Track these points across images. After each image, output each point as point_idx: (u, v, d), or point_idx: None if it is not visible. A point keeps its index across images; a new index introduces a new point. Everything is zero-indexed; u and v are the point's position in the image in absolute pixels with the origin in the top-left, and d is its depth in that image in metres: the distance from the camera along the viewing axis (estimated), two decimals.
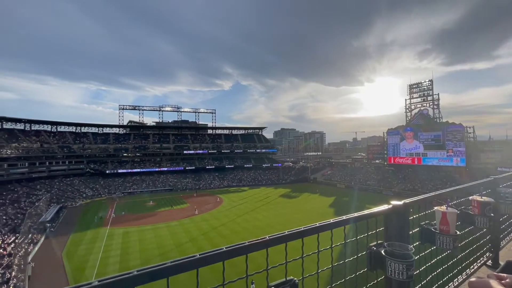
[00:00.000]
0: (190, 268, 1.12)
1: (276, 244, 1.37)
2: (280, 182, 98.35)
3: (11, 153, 66.03)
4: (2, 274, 25.54)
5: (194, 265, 1.12)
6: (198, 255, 1.13)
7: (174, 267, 1.06)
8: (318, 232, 1.54)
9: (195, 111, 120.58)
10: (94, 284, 0.94)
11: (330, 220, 1.62)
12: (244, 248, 1.30)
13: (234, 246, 1.27)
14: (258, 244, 1.32)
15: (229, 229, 41.41)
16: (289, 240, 1.42)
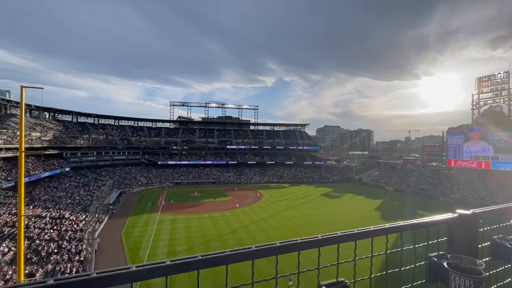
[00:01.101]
0: (246, 258, 1.18)
1: (328, 244, 1.35)
2: (321, 181, 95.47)
3: (83, 143, 76.62)
4: (76, 245, 30.03)
5: (250, 256, 1.17)
6: (254, 247, 1.18)
7: (233, 255, 1.13)
8: (372, 236, 1.47)
9: (238, 107, 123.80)
10: (167, 264, 1.04)
11: (385, 225, 1.53)
12: (297, 245, 1.31)
13: (287, 242, 1.29)
14: (310, 243, 1.32)
15: (268, 224, 41.85)
16: (341, 242, 1.39)
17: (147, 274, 1.01)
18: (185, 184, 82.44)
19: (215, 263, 1.13)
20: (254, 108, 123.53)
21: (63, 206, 43.73)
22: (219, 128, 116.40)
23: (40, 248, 27.47)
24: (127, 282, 1.00)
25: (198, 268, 1.11)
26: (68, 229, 33.88)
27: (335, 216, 46.81)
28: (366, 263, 1.71)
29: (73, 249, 28.96)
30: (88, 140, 79.21)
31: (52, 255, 26.81)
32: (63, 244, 29.66)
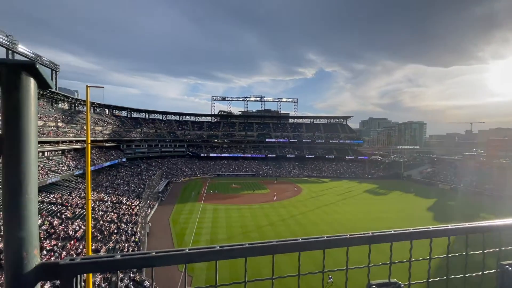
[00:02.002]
0: (293, 250, 1.18)
1: (380, 242, 1.26)
2: (365, 176, 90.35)
3: (136, 136, 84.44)
4: (131, 228, 33.61)
5: (297, 247, 1.18)
6: (301, 239, 1.18)
7: (280, 246, 1.15)
8: (431, 237, 1.33)
9: (277, 101, 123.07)
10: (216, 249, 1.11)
11: (447, 226, 1.36)
12: (346, 240, 1.25)
13: (335, 237, 1.24)
14: (360, 239, 1.26)
15: (307, 219, 41.32)
16: (395, 240, 1.28)
17: (200, 257, 1.08)
18: (226, 176, 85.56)
19: (262, 252, 1.15)
20: (293, 101, 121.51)
21: (121, 192, 49.10)
22: (258, 121, 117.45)
23: (103, 228, 31.39)
24: (181, 263, 1.08)
25: (245, 256, 1.15)
26: (125, 213, 38.03)
27: (380, 214, 44.07)
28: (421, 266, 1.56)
29: (129, 231, 32.48)
30: (140, 133, 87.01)
31: (112, 235, 30.45)
32: (121, 225, 33.43)
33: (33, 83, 0.89)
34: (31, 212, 0.90)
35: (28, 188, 0.88)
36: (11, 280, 0.87)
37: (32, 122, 0.88)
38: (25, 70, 0.85)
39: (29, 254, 0.90)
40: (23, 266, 0.88)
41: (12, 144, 0.85)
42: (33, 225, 0.91)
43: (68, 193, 39.57)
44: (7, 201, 0.86)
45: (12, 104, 0.85)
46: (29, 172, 0.88)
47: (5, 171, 0.86)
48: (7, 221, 0.87)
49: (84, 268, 0.97)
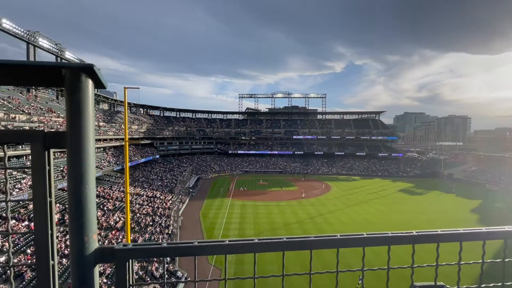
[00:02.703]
0: (331, 246, 1.18)
1: (425, 242, 1.20)
2: (399, 174, 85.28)
3: (168, 134, 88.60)
4: (165, 221, 35.51)
5: (335, 244, 1.18)
6: (339, 235, 1.17)
7: (318, 241, 1.16)
8: (484, 239, 1.22)
9: (304, 97, 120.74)
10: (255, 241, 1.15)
11: (503, 227, 1.24)
12: (387, 238, 1.20)
13: (376, 235, 1.20)
14: (403, 238, 1.20)
15: (336, 218, 40.24)
16: (442, 241, 1.21)
17: (239, 248, 1.14)
18: (253, 173, 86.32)
19: (299, 246, 1.16)
20: (322, 96, 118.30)
21: (155, 187, 52.02)
22: (285, 118, 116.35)
23: (139, 220, 33.58)
24: (221, 253, 1.13)
25: (283, 249, 1.16)
26: (159, 207, 40.25)
27: (417, 215, 41.41)
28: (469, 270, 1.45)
29: (163, 224, 34.36)
30: (172, 131, 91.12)
31: (148, 227, 32.46)
32: (155, 218, 35.48)
33: (91, 84, 0.97)
34: (90, 201, 0.99)
35: (88, 179, 0.97)
36: (75, 261, 0.98)
37: (91, 119, 0.97)
38: (84, 72, 0.93)
39: (90, 238, 1.00)
40: (85, 249, 0.98)
41: (75, 139, 0.94)
42: (92, 213, 1.01)
43: (109, 187, 42.88)
44: (72, 191, 0.96)
45: (75, 103, 0.94)
46: (89, 165, 0.97)
47: (70, 164, 0.96)
48: (71, 208, 0.97)
49: (136, 254, 1.08)
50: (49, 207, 0.99)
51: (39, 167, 0.97)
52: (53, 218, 1.00)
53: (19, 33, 45.30)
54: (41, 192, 0.98)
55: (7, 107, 36.98)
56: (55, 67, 0.91)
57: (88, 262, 0.99)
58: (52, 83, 0.96)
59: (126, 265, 1.07)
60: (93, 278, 1.01)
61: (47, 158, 0.98)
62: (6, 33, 43.19)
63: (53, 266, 1.00)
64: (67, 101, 0.95)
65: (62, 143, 0.96)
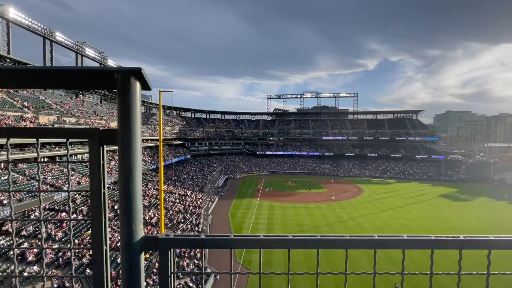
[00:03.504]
0: (368, 246, 1.18)
1: (474, 248, 1.13)
2: (440, 178, 78.72)
3: (199, 135, 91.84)
4: (195, 219, 36.84)
5: (373, 245, 1.17)
6: (377, 236, 1.16)
7: (354, 241, 1.17)
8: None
9: (335, 96, 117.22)
10: (289, 238, 1.18)
11: None
12: (430, 242, 1.15)
13: (418, 237, 1.16)
14: (449, 242, 1.14)
15: (368, 222, 38.39)
16: (494, 248, 1.13)
17: (274, 244, 1.17)
18: (281, 174, 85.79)
19: (334, 245, 1.17)
20: (353, 95, 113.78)
21: (186, 186, 54.21)
22: (314, 118, 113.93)
23: (172, 217, 35.25)
24: (256, 247, 1.18)
25: (318, 247, 1.18)
26: (190, 205, 41.87)
27: (462, 223, 37.92)
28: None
29: (193, 221, 35.68)
30: (202, 132, 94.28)
31: (180, 224, 33.94)
32: (187, 216, 36.97)
33: (139, 86, 1.06)
34: (138, 193, 1.09)
35: (136, 173, 1.07)
36: (125, 248, 1.08)
37: (138, 119, 1.06)
38: (133, 75, 1.02)
39: (137, 227, 1.09)
40: (133, 237, 1.08)
41: (125, 136, 1.04)
42: (139, 204, 1.09)
43: (145, 184, 45.66)
44: (122, 183, 1.06)
45: (125, 103, 1.03)
46: (137, 160, 1.07)
47: (120, 159, 1.05)
48: (122, 199, 1.07)
49: (177, 243, 1.18)
50: (103, 197, 1.09)
51: (96, 161, 1.07)
52: (106, 208, 1.11)
53: (70, 44, 50.29)
54: (97, 183, 1.08)
55: (59, 111, 41.24)
56: (109, 71, 1.00)
57: (135, 249, 1.08)
58: (106, 85, 1.05)
59: (169, 253, 1.16)
60: (139, 264, 1.10)
61: (101, 153, 1.09)
62: (59, 44, 48.24)
63: (106, 250, 1.10)
64: (119, 102, 1.03)
65: (114, 140, 1.05)
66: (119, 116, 1.04)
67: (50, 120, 36.02)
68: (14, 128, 1.09)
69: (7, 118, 29.80)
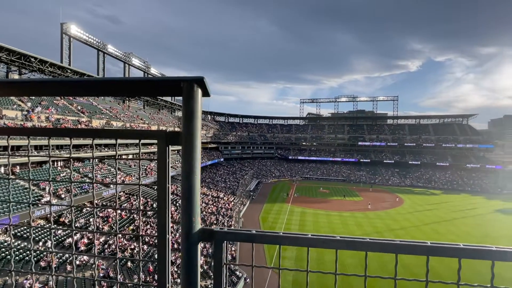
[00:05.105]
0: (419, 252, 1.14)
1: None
2: (497, 191, 69.82)
3: (232, 139, 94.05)
4: (227, 221, 37.60)
5: (424, 251, 1.12)
6: (430, 242, 1.13)
7: (403, 245, 1.14)
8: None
9: (372, 100, 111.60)
10: (337, 238, 1.19)
11: None
12: (491, 252, 1.07)
13: (478, 247, 1.01)
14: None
15: (410, 235, 35.51)
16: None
17: (321, 243, 1.20)
18: (314, 180, 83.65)
19: (383, 249, 1.16)
20: (393, 99, 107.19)
21: (219, 188, 55.70)
22: (350, 123, 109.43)
23: (205, 218, 36.44)
24: (304, 245, 1.22)
25: (366, 250, 1.17)
26: (223, 207, 42.90)
27: None
28: None
29: (225, 223, 36.45)
30: (235, 136, 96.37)
31: (212, 225, 34.93)
32: (219, 218, 37.92)
33: (200, 93, 1.16)
34: (196, 188, 1.19)
35: (196, 171, 1.16)
36: (185, 237, 1.18)
37: (199, 122, 1.15)
38: (196, 83, 1.12)
39: (196, 219, 1.18)
40: (192, 228, 1.17)
41: (188, 138, 1.13)
42: (197, 198, 1.18)
43: None
44: (184, 179, 1.16)
45: (189, 108, 1.13)
46: (196, 159, 1.16)
47: (184, 157, 1.15)
48: (184, 193, 1.16)
49: (231, 236, 1.25)
50: (167, 191, 1.20)
51: (163, 159, 1.20)
52: (169, 200, 1.23)
53: (119, 55, 55.45)
54: (163, 178, 1.19)
55: (109, 115, 45.54)
56: (177, 80, 1.12)
57: (194, 239, 1.18)
58: (174, 93, 1.16)
59: (223, 245, 1.25)
60: (197, 253, 1.20)
61: (168, 152, 1.21)
62: (110, 55, 53.51)
63: (168, 239, 1.22)
64: (184, 107, 1.14)
65: (178, 141, 1.16)
66: (184, 119, 1.14)
67: (101, 124, 39.92)
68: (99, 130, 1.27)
69: (67, 122, 33.74)
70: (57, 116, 33.50)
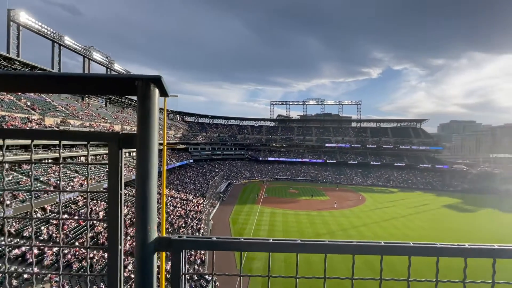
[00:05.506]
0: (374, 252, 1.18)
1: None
2: (444, 188, 77.79)
3: (202, 140, 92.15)
4: (196, 224, 36.66)
5: (378, 251, 1.18)
6: (383, 242, 1.17)
7: (360, 246, 1.18)
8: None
9: (338, 103, 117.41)
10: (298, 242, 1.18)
11: None
12: (436, 249, 1.16)
13: (424, 244, 1.17)
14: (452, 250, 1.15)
15: (371, 231, 37.90)
16: (498, 257, 1.14)
17: (283, 248, 1.18)
18: (283, 180, 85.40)
19: (341, 250, 1.19)
20: (357, 103, 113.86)
21: (188, 190, 54.15)
22: (317, 125, 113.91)
23: (173, 222, 35.12)
24: (265, 251, 1.19)
25: (325, 252, 1.18)
26: (191, 210, 41.73)
27: (468, 235, 37.28)
28: None
29: (194, 226, 35.50)
30: (205, 137, 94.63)
31: (180, 228, 33.78)
32: (188, 221, 36.81)
33: (157, 93, 1.10)
34: (153, 194, 1.11)
35: (152, 176, 1.10)
36: (139, 248, 1.10)
37: (156, 124, 1.10)
38: (153, 82, 1.06)
39: (151, 228, 1.11)
40: (147, 237, 1.10)
41: (143, 141, 1.07)
42: (154, 205, 1.12)
43: None
44: (139, 185, 1.09)
45: (145, 109, 1.07)
46: (153, 163, 1.10)
47: (138, 162, 1.09)
48: (138, 200, 1.09)
49: (189, 245, 1.19)
50: (120, 198, 1.11)
51: (114, 163, 1.11)
52: (122, 208, 1.13)
53: (77, 48, 51.20)
54: (115, 185, 1.10)
55: (65, 113, 41.76)
56: (131, 78, 1.05)
57: (149, 249, 1.11)
58: (127, 92, 1.11)
59: (181, 254, 1.17)
60: (152, 264, 1.12)
61: (120, 156, 1.12)
62: (67, 48, 49.15)
63: (120, 250, 1.11)
64: (138, 107, 1.07)
65: (133, 144, 1.09)
66: (139, 121, 1.07)
67: (56, 122, 36.45)
68: (38, 131, 1.14)
69: (14, 120, 30.23)
70: (2, 113, 29.85)
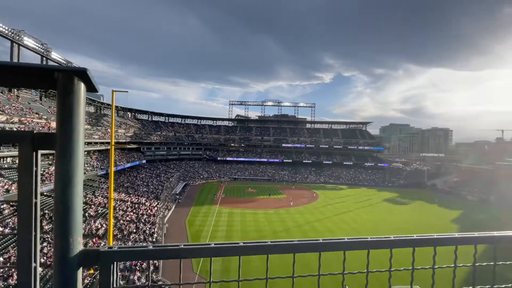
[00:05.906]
0: (313, 250, 1.23)
1: (402, 246, 1.25)
2: (385, 184, 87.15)
3: (156, 139, 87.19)
4: (149, 228, 34.50)
5: (317, 248, 1.24)
6: (322, 240, 1.24)
7: (301, 245, 1.22)
8: (457, 244, 1.29)
9: (294, 105, 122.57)
10: (240, 245, 1.18)
11: (474, 234, 1.31)
12: (367, 243, 1.26)
13: (356, 239, 1.25)
14: (382, 242, 1.24)
15: (324, 226, 40.43)
16: (417, 246, 1.26)
17: (225, 251, 1.15)
18: (242, 180, 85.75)
19: (283, 250, 1.20)
20: (311, 106, 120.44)
21: (140, 193, 50.68)
22: (275, 126, 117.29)
23: (123, 227, 32.50)
24: (207, 256, 1.15)
25: (268, 253, 1.19)
26: (144, 213, 39.14)
27: (401, 225, 42.25)
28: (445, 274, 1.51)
29: (147, 231, 33.36)
30: (160, 136, 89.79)
31: (131, 234, 31.42)
32: (139, 225, 34.43)
33: (83, 88, 0.96)
34: (77, 203, 0.98)
35: (76, 181, 0.96)
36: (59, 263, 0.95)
37: (81, 122, 0.96)
38: (77, 75, 0.93)
39: (75, 240, 0.97)
40: (70, 251, 0.95)
41: (64, 141, 0.93)
42: (79, 215, 0.99)
43: (92, 192, 41.45)
44: (58, 191, 0.95)
45: (66, 106, 0.93)
46: (78, 167, 0.96)
47: (57, 165, 0.94)
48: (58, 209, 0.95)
49: (121, 256, 1.06)
50: (34, 209, 0.95)
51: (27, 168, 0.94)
52: (37, 220, 0.97)
53: (3, 31, 43.90)
54: (27, 193, 0.94)
55: None
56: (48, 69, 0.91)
57: (72, 265, 0.96)
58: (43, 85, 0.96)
59: (111, 268, 1.04)
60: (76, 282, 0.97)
61: (35, 159, 0.96)
62: None
63: (35, 268, 0.96)
64: (58, 103, 0.93)
65: (51, 145, 0.94)
66: (58, 119, 0.94)
67: None
68: None
69: None
70: None
